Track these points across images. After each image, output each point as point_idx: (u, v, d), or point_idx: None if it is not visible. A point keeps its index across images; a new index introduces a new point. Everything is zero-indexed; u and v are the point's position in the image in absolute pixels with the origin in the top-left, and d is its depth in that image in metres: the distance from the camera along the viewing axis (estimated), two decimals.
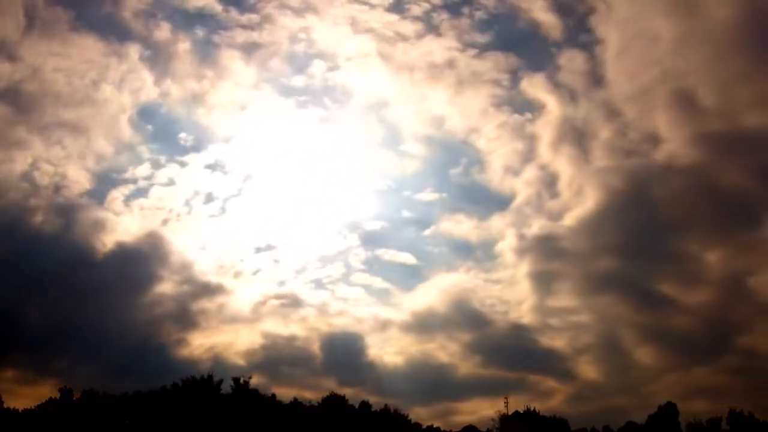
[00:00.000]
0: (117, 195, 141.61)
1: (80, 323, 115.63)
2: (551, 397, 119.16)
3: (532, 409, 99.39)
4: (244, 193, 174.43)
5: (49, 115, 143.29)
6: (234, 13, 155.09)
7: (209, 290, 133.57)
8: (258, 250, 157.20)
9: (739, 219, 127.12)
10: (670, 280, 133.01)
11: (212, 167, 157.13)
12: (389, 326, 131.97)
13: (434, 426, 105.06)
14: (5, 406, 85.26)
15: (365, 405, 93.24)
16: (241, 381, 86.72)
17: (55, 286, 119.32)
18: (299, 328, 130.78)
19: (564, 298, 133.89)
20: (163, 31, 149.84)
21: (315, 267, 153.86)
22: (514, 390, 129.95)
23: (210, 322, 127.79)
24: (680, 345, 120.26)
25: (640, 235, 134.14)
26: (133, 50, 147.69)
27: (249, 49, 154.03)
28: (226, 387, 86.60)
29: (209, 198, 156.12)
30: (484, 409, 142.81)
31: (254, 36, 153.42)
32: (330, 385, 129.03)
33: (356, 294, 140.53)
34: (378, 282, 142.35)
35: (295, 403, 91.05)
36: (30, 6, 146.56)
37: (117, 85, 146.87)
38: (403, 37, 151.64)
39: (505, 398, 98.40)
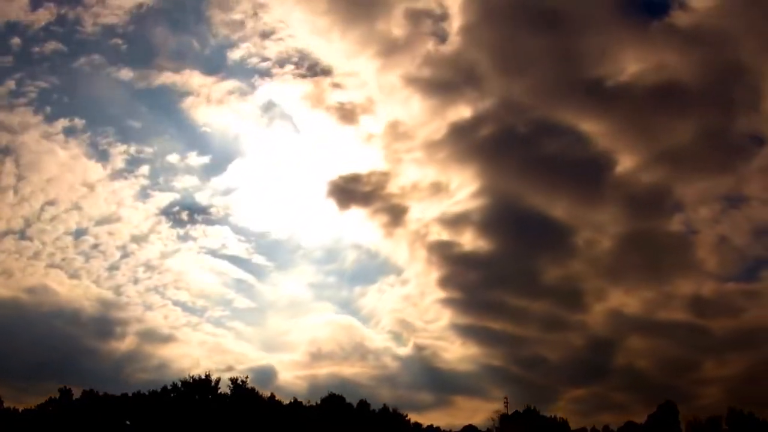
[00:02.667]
0: None
1: None
2: None
3: (532, 408, 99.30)
4: None
5: None
6: None
7: None
8: None
9: None
10: None
11: None
12: None
13: (434, 426, 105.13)
14: (5, 406, 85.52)
15: (364, 404, 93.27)
16: (239, 381, 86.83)
17: None
18: None
19: None
20: None
21: None
22: None
23: None
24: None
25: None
26: None
27: None
28: (225, 387, 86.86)
29: None
30: None
31: None
32: None
33: None
34: None
35: (295, 403, 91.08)
36: None
37: None
38: None
39: (505, 398, 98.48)
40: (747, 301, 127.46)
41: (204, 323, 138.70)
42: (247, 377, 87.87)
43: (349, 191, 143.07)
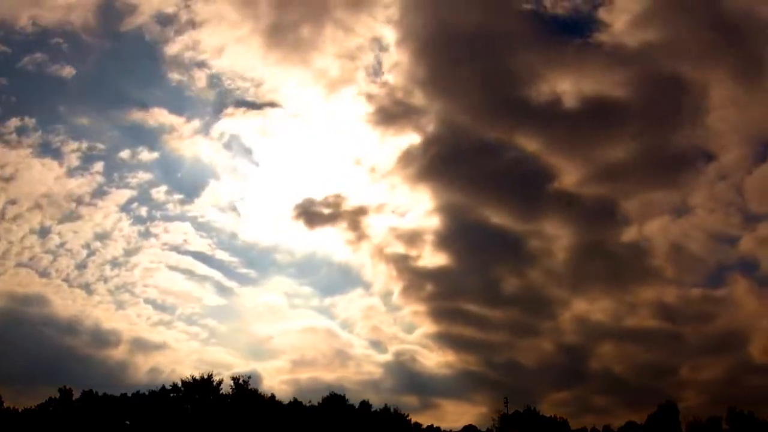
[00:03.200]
0: None
1: None
2: None
3: (532, 408, 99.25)
4: None
5: None
6: None
7: None
8: None
9: None
10: None
11: None
12: None
13: (434, 426, 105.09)
14: (5, 406, 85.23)
15: (365, 405, 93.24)
16: (241, 381, 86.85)
17: None
18: None
19: None
20: None
21: None
22: None
23: None
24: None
25: None
26: None
27: None
28: (226, 387, 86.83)
29: None
30: None
31: None
32: None
33: None
34: None
35: (295, 403, 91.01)
36: None
37: None
38: None
39: (505, 398, 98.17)
40: (716, 306, 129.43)
41: (176, 321, 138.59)
42: (249, 377, 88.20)
43: (314, 213, 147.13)
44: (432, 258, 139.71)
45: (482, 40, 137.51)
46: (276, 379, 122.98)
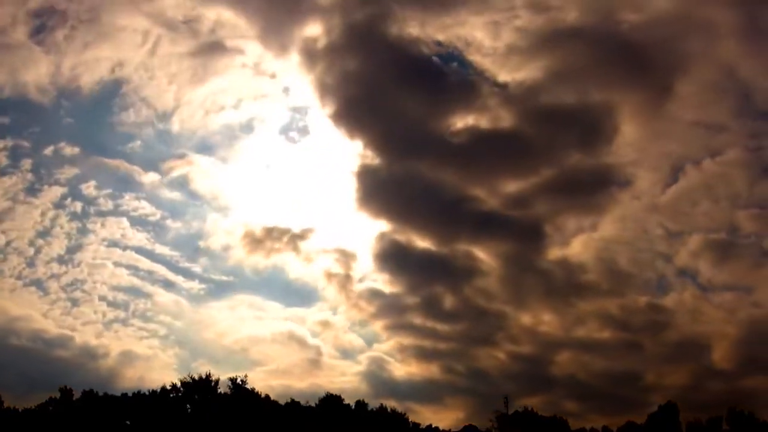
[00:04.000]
0: None
1: None
2: None
3: (530, 408, 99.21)
4: None
5: None
6: None
7: None
8: None
9: None
10: None
11: None
12: None
13: (433, 426, 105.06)
14: (5, 405, 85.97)
15: (362, 405, 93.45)
16: (239, 381, 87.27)
17: None
18: None
19: None
20: None
21: None
22: None
23: None
24: None
25: None
26: None
27: None
28: (224, 387, 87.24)
29: None
30: None
31: None
32: None
33: None
34: None
35: (293, 404, 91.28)
36: None
37: None
38: None
39: (505, 398, 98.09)
40: (665, 315, 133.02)
41: (131, 318, 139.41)
42: (246, 376, 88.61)
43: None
44: (374, 278, 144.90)
45: (390, 82, 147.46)
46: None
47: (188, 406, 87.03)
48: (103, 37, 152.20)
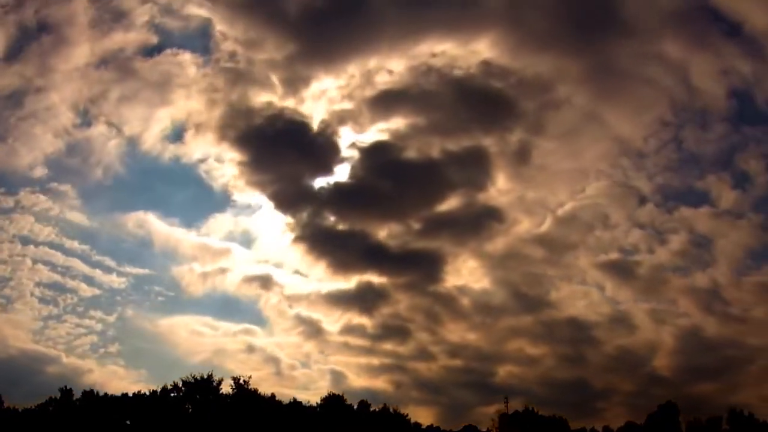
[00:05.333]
0: None
1: None
2: None
3: (530, 408, 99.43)
4: None
5: None
6: None
7: None
8: None
9: None
10: None
11: None
12: None
13: (434, 426, 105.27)
14: (5, 405, 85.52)
15: (364, 405, 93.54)
16: (241, 381, 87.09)
17: None
18: None
19: None
20: None
21: None
22: None
23: None
24: None
25: None
26: None
27: None
28: (226, 387, 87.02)
29: None
30: None
31: None
32: None
33: None
34: None
35: (295, 403, 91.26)
36: None
37: None
38: None
39: (505, 398, 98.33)
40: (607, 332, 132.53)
41: (65, 314, 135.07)
42: (250, 377, 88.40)
43: None
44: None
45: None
46: None
47: (189, 406, 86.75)
48: None
